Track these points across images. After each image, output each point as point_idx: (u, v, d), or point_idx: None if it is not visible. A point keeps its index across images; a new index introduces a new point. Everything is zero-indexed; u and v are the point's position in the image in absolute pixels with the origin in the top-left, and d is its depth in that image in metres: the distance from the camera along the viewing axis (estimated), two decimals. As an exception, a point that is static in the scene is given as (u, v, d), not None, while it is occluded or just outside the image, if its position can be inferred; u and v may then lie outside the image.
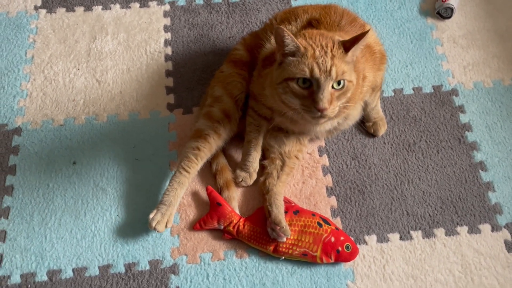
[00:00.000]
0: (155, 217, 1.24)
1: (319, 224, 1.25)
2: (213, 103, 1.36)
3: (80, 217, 1.32)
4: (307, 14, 1.30)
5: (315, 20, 1.28)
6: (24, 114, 1.50)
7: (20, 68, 1.60)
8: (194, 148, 1.30)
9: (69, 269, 1.25)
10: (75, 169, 1.40)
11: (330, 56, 1.08)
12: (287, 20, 1.32)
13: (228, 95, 1.35)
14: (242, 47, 1.44)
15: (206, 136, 1.31)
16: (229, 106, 1.34)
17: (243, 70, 1.39)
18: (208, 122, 1.32)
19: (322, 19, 1.26)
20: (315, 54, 1.08)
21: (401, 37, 1.67)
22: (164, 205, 1.25)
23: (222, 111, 1.34)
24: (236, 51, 1.44)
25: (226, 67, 1.42)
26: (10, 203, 1.34)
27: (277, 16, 1.39)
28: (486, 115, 1.50)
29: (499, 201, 1.35)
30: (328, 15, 1.28)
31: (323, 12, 1.30)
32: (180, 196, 1.28)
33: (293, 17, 1.32)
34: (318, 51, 1.08)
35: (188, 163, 1.29)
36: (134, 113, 1.51)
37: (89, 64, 1.61)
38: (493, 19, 1.71)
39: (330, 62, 1.07)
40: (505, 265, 1.25)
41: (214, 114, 1.33)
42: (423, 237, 1.29)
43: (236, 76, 1.38)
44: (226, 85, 1.37)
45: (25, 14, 1.72)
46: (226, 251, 1.27)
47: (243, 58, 1.42)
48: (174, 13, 1.73)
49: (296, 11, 1.34)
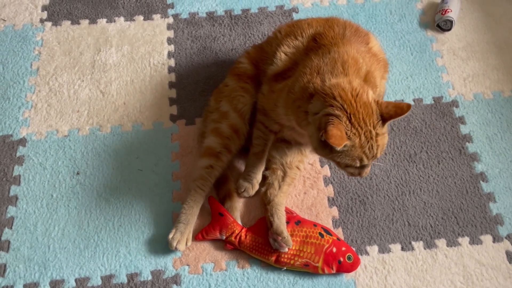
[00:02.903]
0: (175, 237, 1.26)
1: (320, 235, 1.25)
2: (221, 119, 1.37)
3: (83, 227, 1.33)
4: (312, 29, 1.31)
5: (319, 34, 1.28)
6: (29, 125, 1.52)
7: (26, 79, 1.62)
8: (207, 167, 1.32)
9: (71, 279, 1.25)
10: (78, 179, 1.41)
11: (374, 138, 1.09)
12: (293, 35, 1.32)
13: (235, 110, 1.36)
14: (246, 60, 1.44)
15: (218, 154, 1.33)
16: (236, 121, 1.36)
17: (247, 84, 1.39)
18: (219, 140, 1.34)
19: (326, 33, 1.27)
20: (362, 143, 1.09)
21: (402, 49, 1.69)
22: (183, 224, 1.27)
23: (230, 127, 1.35)
24: (240, 65, 1.45)
25: (230, 80, 1.43)
26: (14, 213, 1.36)
27: (281, 29, 1.39)
28: (486, 126, 1.51)
29: (500, 212, 1.35)
30: (331, 28, 1.29)
31: (326, 26, 1.30)
32: (197, 213, 1.30)
33: (298, 31, 1.32)
34: (363, 137, 1.09)
35: (203, 181, 1.32)
36: (138, 124, 1.53)
37: (94, 75, 1.63)
38: (492, 31, 1.73)
39: (375, 145, 1.10)
40: (507, 276, 1.25)
41: (223, 131, 1.35)
42: (424, 248, 1.30)
43: (240, 90, 1.39)
44: (232, 100, 1.38)
45: (31, 27, 1.75)
46: (228, 262, 1.28)
47: (248, 71, 1.42)
48: (177, 25, 1.76)
49: (300, 25, 1.34)
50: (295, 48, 1.29)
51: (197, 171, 1.33)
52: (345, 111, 1.08)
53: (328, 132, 1.04)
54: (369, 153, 1.10)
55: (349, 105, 1.08)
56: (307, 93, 1.14)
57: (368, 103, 1.09)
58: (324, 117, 1.09)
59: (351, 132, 1.08)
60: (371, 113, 1.09)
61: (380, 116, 1.09)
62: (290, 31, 1.34)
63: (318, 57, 1.20)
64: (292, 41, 1.30)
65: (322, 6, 1.80)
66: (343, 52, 1.19)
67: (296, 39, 1.30)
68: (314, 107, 1.12)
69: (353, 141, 1.08)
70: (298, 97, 1.17)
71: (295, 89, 1.18)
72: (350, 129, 1.08)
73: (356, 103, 1.08)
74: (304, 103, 1.15)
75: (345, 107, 1.08)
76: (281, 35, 1.36)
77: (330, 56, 1.18)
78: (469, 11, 1.79)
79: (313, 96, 1.13)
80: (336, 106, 1.08)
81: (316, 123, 1.11)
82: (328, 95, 1.10)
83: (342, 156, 1.10)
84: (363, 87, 1.11)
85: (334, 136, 1.04)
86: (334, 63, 1.16)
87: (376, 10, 1.79)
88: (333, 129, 1.05)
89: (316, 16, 1.78)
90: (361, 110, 1.08)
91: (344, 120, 1.07)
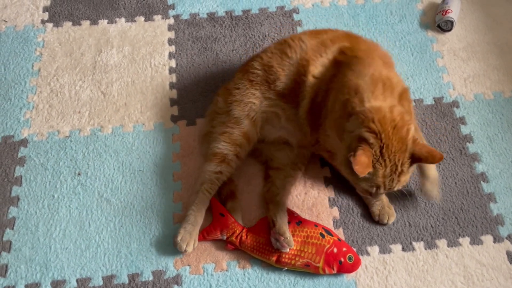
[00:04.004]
0: (184, 238, 1.25)
1: (321, 235, 1.25)
2: (232, 124, 1.34)
3: (85, 228, 1.33)
4: (336, 44, 1.31)
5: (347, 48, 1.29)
6: (30, 126, 1.53)
7: (27, 80, 1.63)
8: (217, 172, 1.32)
9: (73, 279, 1.26)
10: (80, 180, 1.42)
11: (398, 174, 1.11)
12: (318, 51, 1.30)
13: (247, 118, 1.34)
14: (260, 66, 1.37)
15: (229, 161, 1.32)
16: (248, 129, 1.34)
17: (258, 90, 1.36)
18: (230, 146, 1.33)
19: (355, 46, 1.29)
20: (385, 174, 1.10)
21: (402, 50, 1.69)
22: (191, 225, 1.27)
23: (243, 135, 1.33)
24: (253, 70, 1.38)
25: (242, 84, 1.38)
26: (15, 214, 1.36)
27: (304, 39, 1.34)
28: (487, 127, 1.51)
29: (500, 212, 1.35)
30: (358, 42, 1.32)
31: (351, 40, 1.33)
32: (203, 215, 1.30)
33: (322, 48, 1.31)
34: (388, 170, 1.10)
35: (212, 185, 1.32)
36: (139, 125, 1.53)
37: (95, 76, 1.64)
38: (493, 32, 1.73)
39: (396, 180, 1.11)
40: (508, 276, 1.25)
41: (236, 138, 1.33)
42: (425, 248, 1.30)
43: (252, 96, 1.35)
44: (244, 106, 1.35)
45: (32, 28, 1.76)
46: (229, 262, 1.28)
47: (260, 76, 1.36)
48: (178, 26, 1.76)
49: (324, 42, 1.32)
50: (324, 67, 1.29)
51: (205, 175, 1.32)
52: (380, 140, 1.08)
53: (356, 157, 1.05)
54: (388, 184, 1.12)
55: (386, 136, 1.08)
56: (346, 111, 1.16)
57: (404, 139, 1.09)
58: (357, 140, 1.09)
59: (378, 162, 1.09)
60: (404, 150, 1.09)
61: (411, 155, 1.10)
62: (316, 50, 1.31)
63: (353, 74, 1.20)
64: (318, 58, 1.30)
65: (322, 7, 1.80)
66: (379, 71, 1.20)
67: (321, 56, 1.30)
68: (351, 126, 1.13)
69: (377, 171, 1.09)
70: (340, 114, 1.18)
71: (336, 107, 1.19)
72: (378, 159, 1.09)
73: (393, 136, 1.08)
74: (343, 120, 1.16)
75: (382, 136, 1.08)
76: (305, 46, 1.33)
77: (367, 74, 1.18)
78: (469, 12, 1.79)
79: (351, 115, 1.14)
80: (372, 132, 1.09)
81: (348, 141, 1.12)
82: (367, 117, 1.10)
83: (362, 180, 1.12)
84: (403, 119, 1.11)
85: (360, 163, 1.05)
86: (374, 82, 1.17)
87: (377, 10, 1.79)
88: (362, 156, 1.06)
89: (317, 17, 1.78)
90: (395, 144, 1.09)
91: (375, 149, 1.08)
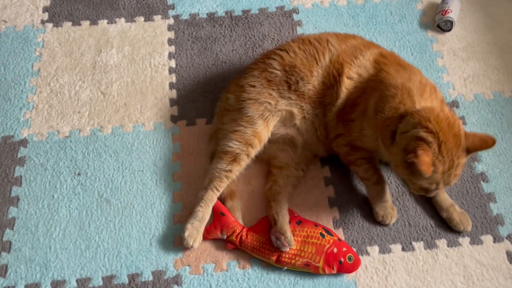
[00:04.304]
0: (191, 234, 1.26)
1: (321, 235, 1.25)
2: (246, 123, 1.32)
3: (84, 228, 1.33)
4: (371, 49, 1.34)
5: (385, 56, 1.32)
6: (30, 126, 1.53)
7: (27, 80, 1.63)
8: (227, 170, 1.31)
9: (73, 279, 1.26)
10: (79, 180, 1.42)
11: (455, 167, 1.13)
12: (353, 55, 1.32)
13: (261, 117, 1.32)
14: (280, 66, 1.35)
15: (240, 161, 1.32)
16: (261, 129, 1.32)
17: (274, 90, 1.34)
18: (242, 146, 1.31)
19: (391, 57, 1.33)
20: (444, 170, 1.13)
21: (402, 50, 1.69)
22: (199, 221, 1.27)
23: (255, 135, 1.32)
24: (272, 69, 1.35)
25: (258, 82, 1.35)
26: (15, 214, 1.36)
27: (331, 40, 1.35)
28: (486, 127, 1.51)
29: (500, 212, 1.36)
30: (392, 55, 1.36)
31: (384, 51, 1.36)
32: (210, 212, 1.30)
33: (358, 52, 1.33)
34: (447, 166, 1.12)
35: (221, 183, 1.31)
36: (138, 125, 1.53)
37: (94, 76, 1.64)
38: (493, 32, 1.73)
39: (454, 174, 1.14)
40: (508, 276, 1.25)
41: (248, 138, 1.32)
42: (425, 248, 1.30)
43: (269, 97, 1.33)
44: (259, 106, 1.33)
45: (32, 28, 1.76)
46: (229, 262, 1.28)
47: (278, 77, 1.34)
48: (178, 26, 1.76)
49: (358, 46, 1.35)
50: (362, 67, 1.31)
51: (215, 172, 1.32)
52: (437, 138, 1.11)
53: (419, 157, 1.07)
54: (446, 180, 1.14)
55: (443, 133, 1.12)
56: (398, 113, 1.18)
57: (458, 134, 1.13)
58: (415, 140, 1.12)
59: (437, 159, 1.11)
60: (459, 145, 1.13)
61: (466, 148, 1.14)
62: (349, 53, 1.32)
63: (402, 78, 1.23)
64: (353, 62, 1.31)
65: (322, 7, 1.80)
66: (425, 78, 1.27)
67: (357, 59, 1.31)
68: (404, 126, 1.15)
69: (437, 168, 1.12)
70: (389, 116, 1.19)
71: (385, 109, 1.20)
72: (437, 156, 1.11)
73: (449, 133, 1.12)
74: (393, 122, 1.18)
75: (439, 134, 1.11)
76: (335, 49, 1.33)
77: (416, 79, 1.23)
78: (469, 12, 1.79)
79: (403, 117, 1.16)
80: (430, 131, 1.12)
81: (403, 142, 1.14)
82: (423, 117, 1.13)
83: (421, 179, 1.14)
84: (454, 116, 1.16)
85: (425, 163, 1.07)
86: (423, 86, 1.21)
87: (377, 10, 1.79)
88: (424, 156, 1.08)
89: (317, 17, 1.79)
90: (451, 139, 1.12)
91: (434, 147, 1.11)
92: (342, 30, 1.72)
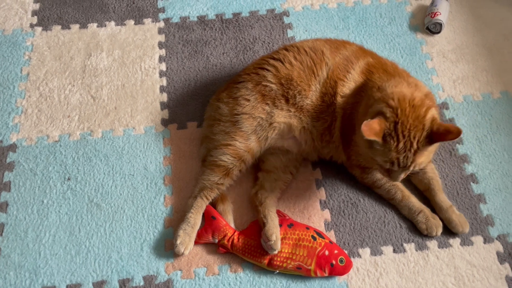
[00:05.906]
0: (183, 241, 1.25)
1: (313, 238, 1.25)
2: (240, 138, 1.32)
3: (75, 233, 1.32)
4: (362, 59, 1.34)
5: (372, 65, 1.32)
6: (19, 131, 1.51)
7: (16, 85, 1.61)
8: (219, 183, 1.32)
9: (63, 285, 1.24)
10: (69, 185, 1.41)
11: (413, 151, 1.12)
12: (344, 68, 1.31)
13: (254, 133, 1.32)
14: (275, 79, 1.32)
15: (232, 175, 1.33)
16: (254, 145, 1.33)
17: (268, 105, 1.32)
18: (236, 162, 1.32)
19: (380, 61, 1.34)
20: (398, 149, 1.12)
21: (392, 52, 1.70)
22: (191, 227, 1.27)
23: (249, 151, 1.32)
24: (267, 83, 1.33)
25: (253, 97, 1.33)
26: (4, 220, 1.34)
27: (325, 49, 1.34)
28: (476, 128, 1.52)
29: (490, 213, 1.36)
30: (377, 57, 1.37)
31: (372, 55, 1.37)
32: (201, 218, 1.31)
33: (349, 66, 1.32)
34: (401, 145, 1.12)
35: (211, 193, 1.32)
36: (129, 129, 1.52)
37: (84, 80, 1.63)
38: (482, 33, 1.75)
39: (411, 158, 1.13)
40: (498, 276, 1.26)
41: (242, 154, 1.32)
42: (416, 250, 1.30)
43: (262, 112, 1.32)
44: (253, 121, 1.32)
45: (21, 32, 1.74)
46: (221, 266, 1.28)
47: (274, 91, 1.32)
48: (168, 30, 1.75)
49: (349, 58, 1.33)
50: (353, 81, 1.31)
51: (206, 183, 1.32)
52: (395, 115, 1.12)
53: (368, 121, 1.09)
54: (401, 161, 1.14)
55: (402, 112, 1.12)
56: (368, 104, 1.20)
57: (422, 117, 1.13)
58: (375, 114, 1.14)
59: (390, 136, 1.12)
60: (421, 129, 1.12)
61: (430, 135, 1.12)
62: (342, 68, 1.31)
63: (382, 80, 1.26)
64: (345, 77, 1.31)
65: (312, 10, 1.81)
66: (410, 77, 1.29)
67: (349, 73, 1.31)
68: (373, 110, 1.17)
69: (389, 143, 1.12)
70: (363, 113, 1.22)
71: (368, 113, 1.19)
72: (390, 133, 1.12)
73: (409, 113, 1.12)
74: (365, 118, 1.17)
75: (397, 112, 1.12)
76: (330, 63, 1.32)
77: (395, 79, 1.24)
78: (458, 14, 1.80)
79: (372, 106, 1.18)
80: (390, 108, 1.13)
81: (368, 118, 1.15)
82: (387, 95, 1.16)
83: (377, 154, 1.15)
84: (423, 100, 1.15)
85: (369, 126, 1.09)
86: (400, 82, 1.22)
87: (366, 13, 1.80)
88: (374, 123, 1.10)
89: (307, 19, 1.79)
90: (411, 121, 1.12)
91: (389, 122, 1.12)
92: (332, 33, 1.73)
